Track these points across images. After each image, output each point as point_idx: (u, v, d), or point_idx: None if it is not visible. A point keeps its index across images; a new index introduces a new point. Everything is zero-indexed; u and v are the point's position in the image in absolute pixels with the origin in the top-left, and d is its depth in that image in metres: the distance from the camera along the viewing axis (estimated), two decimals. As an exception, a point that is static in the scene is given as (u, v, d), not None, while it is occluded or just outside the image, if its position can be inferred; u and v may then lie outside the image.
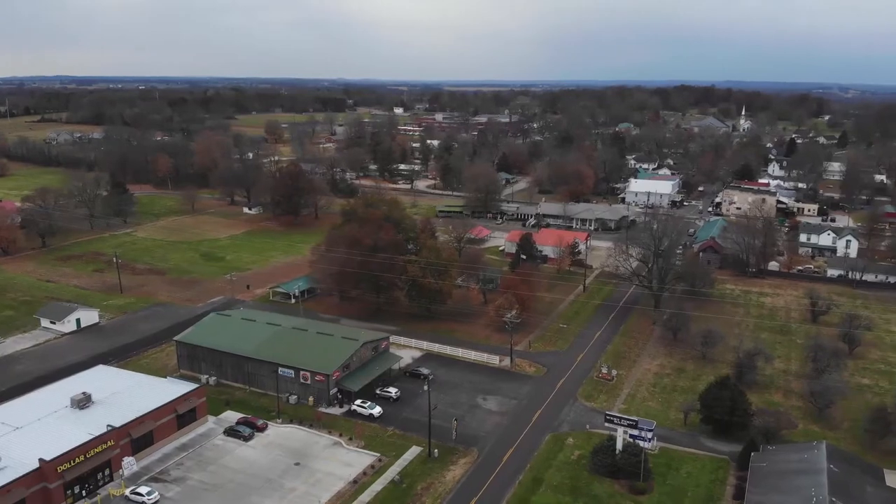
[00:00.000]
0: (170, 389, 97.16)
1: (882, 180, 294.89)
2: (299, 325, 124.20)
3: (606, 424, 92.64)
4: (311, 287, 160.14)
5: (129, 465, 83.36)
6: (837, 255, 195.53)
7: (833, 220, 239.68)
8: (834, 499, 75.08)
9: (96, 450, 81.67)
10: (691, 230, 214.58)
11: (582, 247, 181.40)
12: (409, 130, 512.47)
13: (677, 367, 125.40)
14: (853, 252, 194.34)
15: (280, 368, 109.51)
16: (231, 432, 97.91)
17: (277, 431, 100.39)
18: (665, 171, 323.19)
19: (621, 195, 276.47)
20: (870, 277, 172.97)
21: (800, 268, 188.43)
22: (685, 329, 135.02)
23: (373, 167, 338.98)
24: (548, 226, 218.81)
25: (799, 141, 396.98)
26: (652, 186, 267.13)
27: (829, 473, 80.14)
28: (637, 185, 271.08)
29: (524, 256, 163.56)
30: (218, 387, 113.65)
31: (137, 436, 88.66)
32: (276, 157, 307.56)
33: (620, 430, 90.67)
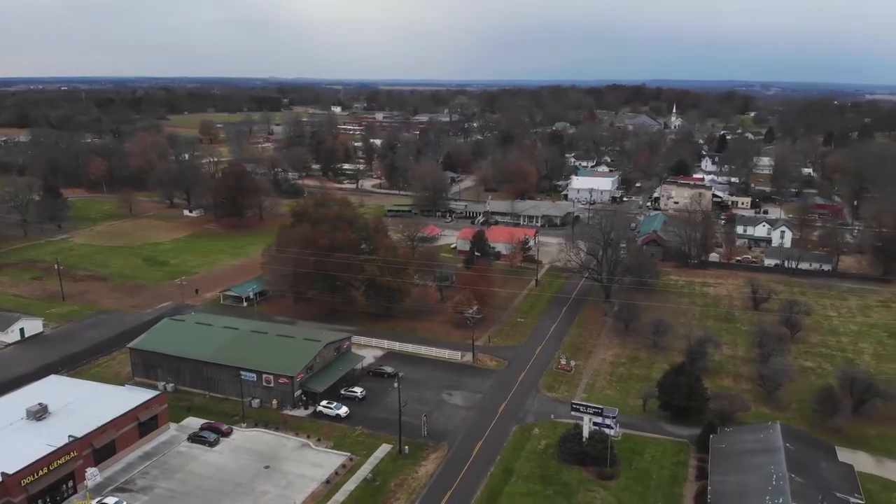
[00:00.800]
0: (130, 397, 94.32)
1: (809, 173, 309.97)
2: (258, 327, 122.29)
3: (573, 413, 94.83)
4: (263, 289, 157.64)
5: (93, 475, 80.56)
6: (773, 245, 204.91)
7: (766, 212, 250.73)
8: (793, 475, 79.13)
9: (59, 461, 78.72)
10: (633, 224, 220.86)
11: (532, 243, 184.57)
12: (350, 129, 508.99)
13: (631, 356, 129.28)
14: (787, 242, 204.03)
15: (242, 372, 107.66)
16: (195, 438, 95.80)
17: (243, 435, 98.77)
18: (603, 169, 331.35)
19: (564, 192, 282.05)
20: (804, 266, 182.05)
21: (738, 258, 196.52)
22: (636, 319, 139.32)
23: (315, 167, 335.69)
24: (496, 223, 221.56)
25: (729, 137, 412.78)
26: (593, 183, 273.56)
27: (786, 451, 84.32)
28: (579, 182, 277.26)
29: (478, 253, 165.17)
30: (176, 393, 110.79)
31: (100, 446, 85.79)
32: (216, 158, 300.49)
33: (587, 417, 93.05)
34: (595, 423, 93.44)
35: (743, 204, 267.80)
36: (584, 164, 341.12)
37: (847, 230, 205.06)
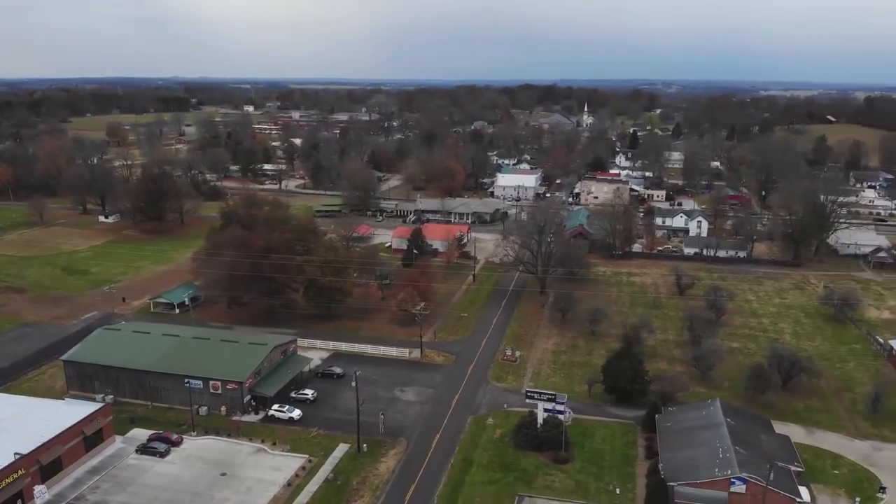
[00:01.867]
0: (73, 411, 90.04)
1: (717, 166, 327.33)
2: (200, 334, 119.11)
3: (527, 401, 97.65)
4: (195, 295, 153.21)
5: (41, 493, 76.86)
6: (690, 235, 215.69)
7: (680, 204, 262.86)
8: (737, 447, 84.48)
9: (7, 480, 74.50)
10: (557, 219, 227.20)
11: (466, 239, 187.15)
12: (266, 129, 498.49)
13: (571, 344, 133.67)
14: (704, 232, 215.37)
15: (188, 380, 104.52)
16: (145, 450, 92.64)
17: (194, 444, 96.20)
18: (525, 166, 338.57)
19: (490, 189, 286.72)
20: (722, 253, 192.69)
21: (660, 248, 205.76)
22: (572, 309, 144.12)
23: (234, 168, 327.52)
24: (427, 221, 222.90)
25: (640, 134, 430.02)
26: (517, 180, 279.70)
27: (728, 426, 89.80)
28: (504, 180, 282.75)
29: (416, 251, 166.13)
30: (116, 405, 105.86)
31: (46, 462, 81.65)
32: (129, 161, 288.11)
33: (540, 404, 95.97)
34: (546, 410, 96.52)
35: (658, 197, 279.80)
36: (507, 161, 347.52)
37: (757, 219, 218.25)
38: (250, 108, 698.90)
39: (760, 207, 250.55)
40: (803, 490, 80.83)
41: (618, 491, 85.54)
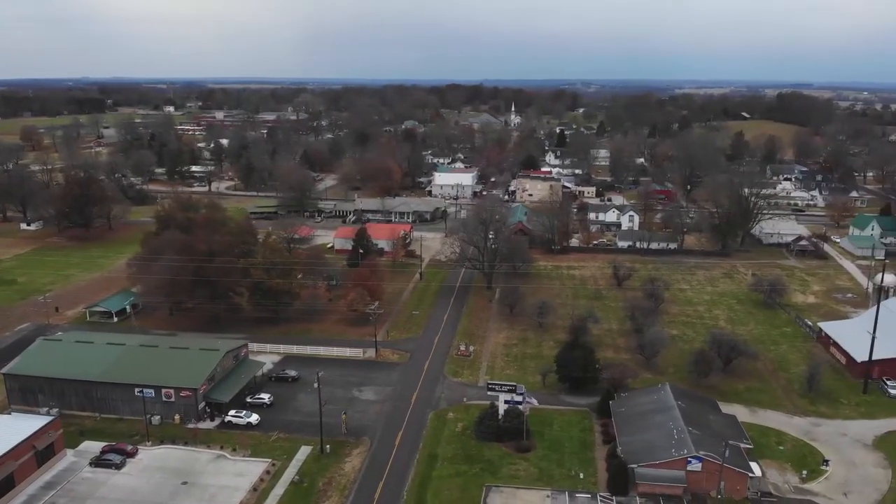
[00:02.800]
0: (22, 426, 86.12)
1: (642, 163, 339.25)
2: (146, 341, 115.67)
3: (489, 392, 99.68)
4: (134, 302, 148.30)
5: (-5, 514, 73.27)
6: (623, 228, 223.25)
7: (610, 200, 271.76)
8: (690, 428, 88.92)
9: (-40, 502, 70.83)
10: (496, 216, 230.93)
11: (410, 238, 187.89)
12: (190, 130, 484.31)
13: (520, 337, 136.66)
14: (636, 226, 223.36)
15: (139, 389, 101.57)
16: (99, 462, 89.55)
17: (151, 454, 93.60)
18: (459, 165, 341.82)
19: (427, 188, 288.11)
20: (654, 246, 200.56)
21: (595, 242, 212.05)
22: (520, 303, 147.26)
23: (160, 170, 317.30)
24: (368, 220, 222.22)
25: (568, 133, 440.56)
26: (455, 179, 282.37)
27: (680, 408, 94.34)
28: (441, 179, 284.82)
29: (362, 251, 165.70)
30: (62, 418, 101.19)
31: (-2, 480, 77.94)
32: (49, 166, 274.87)
33: (502, 396, 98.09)
34: (506, 401, 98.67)
35: (589, 194, 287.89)
36: (441, 161, 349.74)
37: (683, 212, 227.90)
38: (171, 109, 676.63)
39: (686, 201, 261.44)
40: (754, 465, 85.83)
41: (581, 476, 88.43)
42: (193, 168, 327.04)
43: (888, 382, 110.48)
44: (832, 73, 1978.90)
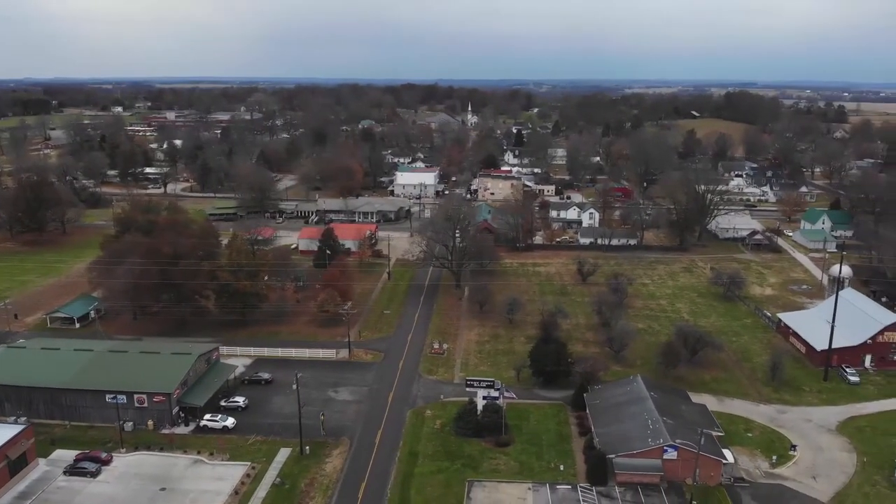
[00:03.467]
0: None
1: (598, 161, 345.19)
2: (115, 347, 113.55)
3: (467, 389, 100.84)
4: (97, 307, 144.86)
5: (-31, 527, 71.10)
6: (584, 226, 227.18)
7: (569, 198, 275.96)
8: (664, 418, 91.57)
9: (-67, 516, 68.47)
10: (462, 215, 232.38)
11: (376, 238, 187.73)
12: (141, 131, 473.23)
13: (492, 333, 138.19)
14: (596, 223, 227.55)
15: (112, 395, 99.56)
16: (74, 471, 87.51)
17: (126, 461, 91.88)
18: (420, 164, 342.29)
19: (390, 188, 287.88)
20: (615, 242, 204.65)
21: (558, 239, 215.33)
22: (489, 301, 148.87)
23: (112, 172, 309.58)
24: (331, 221, 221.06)
25: (525, 132, 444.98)
26: (417, 178, 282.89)
27: (653, 399, 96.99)
28: (404, 178, 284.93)
29: (329, 251, 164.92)
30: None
31: (-29, 493, 75.61)
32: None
33: (480, 392, 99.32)
34: (484, 397, 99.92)
35: (549, 192, 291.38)
36: (402, 160, 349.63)
37: (641, 209, 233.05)
38: (119, 110, 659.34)
39: (643, 198, 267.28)
40: (727, 452, 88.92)
41: (562, 468, 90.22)
42: (147, 170, 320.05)
43: (847, 370, 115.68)
44: (775, 72, 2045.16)
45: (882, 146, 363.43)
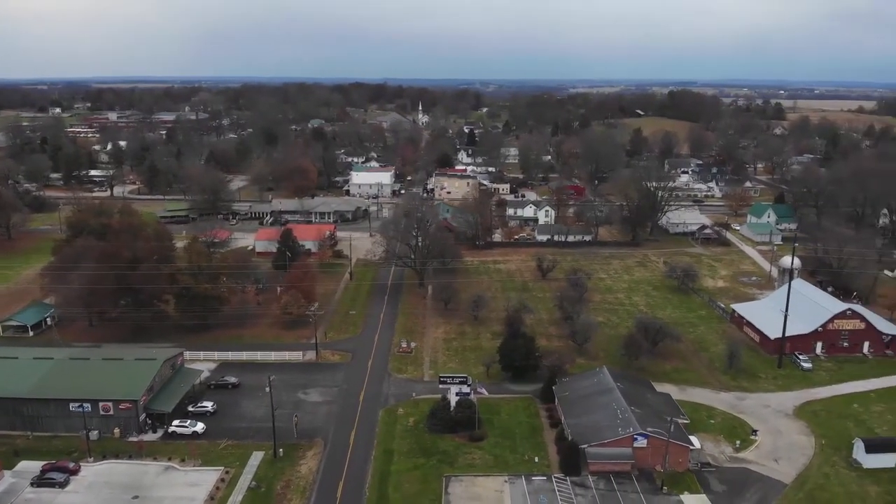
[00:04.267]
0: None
1: (550, 160, 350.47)
2: (76, 354, 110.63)
3: (440, 385, 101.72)
4: (53, 314, 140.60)
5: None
6: (540, 223, 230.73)
7: (524, 196, 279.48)
8: (632, 408, 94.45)
9: None
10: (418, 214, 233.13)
11: (335, 238, 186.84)
12: (82, 132, 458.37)
13: (458, 330, 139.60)
14: (552, 220, 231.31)
15: (76, 403, 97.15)
16: (41, 482, 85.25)
17: (95, 470, 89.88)
18: (374, 164, 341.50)
19: (345, 188, 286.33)
20: (571, 238, 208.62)
21: (517, 237, 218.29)
22: (454, 298, 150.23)
23: (55, 175, 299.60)
24: (287, 222, 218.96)
25: (477, 131, 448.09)
26: (374, 178, 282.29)
27: (620, 390, 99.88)
28: (359, 178, 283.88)
29: (289, 252, 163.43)
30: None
31: (-64, 509, 72.90)
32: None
33: (453, 388, 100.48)
34: (456, 393, 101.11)
35: (503, 190, 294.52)
36: (356, 160, 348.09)
37: (595, 206, 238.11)
38: (58, 111, 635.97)
39: (595, 195, 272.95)
40: (693, 439, 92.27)
41: (536, 460, 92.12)
42: (92, 172, 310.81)
43: (800, 357, 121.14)
44: (713, 71, 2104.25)
45: (820, 142, 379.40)
